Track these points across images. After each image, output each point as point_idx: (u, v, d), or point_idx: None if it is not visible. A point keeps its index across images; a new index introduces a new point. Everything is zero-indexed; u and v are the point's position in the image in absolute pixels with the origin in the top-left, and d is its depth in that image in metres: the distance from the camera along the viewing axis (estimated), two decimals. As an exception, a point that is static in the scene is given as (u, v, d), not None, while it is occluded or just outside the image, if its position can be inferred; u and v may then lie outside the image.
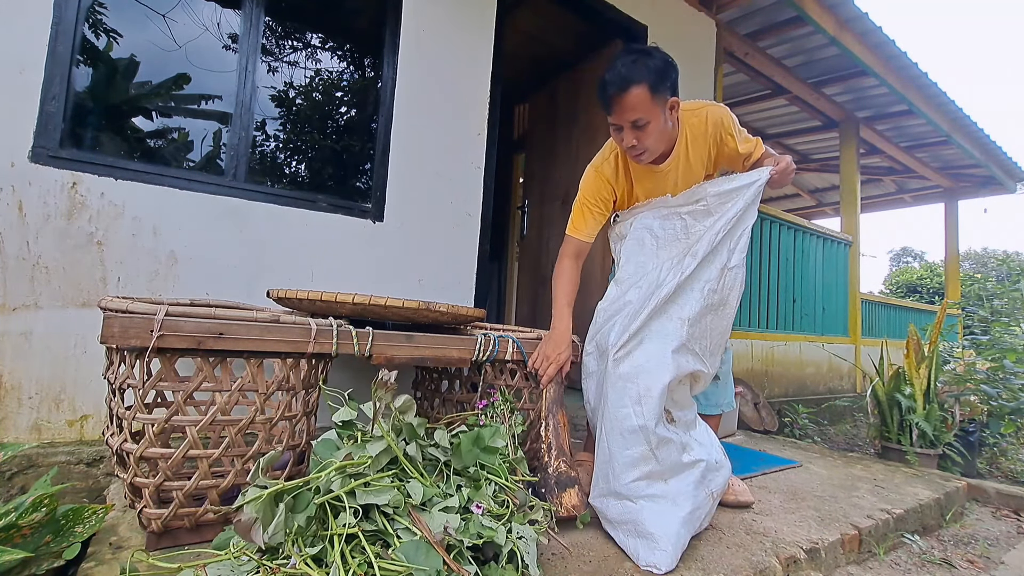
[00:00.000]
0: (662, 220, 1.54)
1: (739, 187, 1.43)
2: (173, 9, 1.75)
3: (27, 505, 0.95)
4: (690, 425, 1.40)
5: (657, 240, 1.54)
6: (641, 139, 1.43)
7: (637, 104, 1.38)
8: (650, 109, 1.39)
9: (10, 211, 1.45)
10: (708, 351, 1.41)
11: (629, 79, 1.36)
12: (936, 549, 1.69)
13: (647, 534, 1.18)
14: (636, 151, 1.47)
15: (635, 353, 1.33)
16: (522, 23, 3.32)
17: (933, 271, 16.07)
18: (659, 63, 1.39)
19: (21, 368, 1.45)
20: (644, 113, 1.39)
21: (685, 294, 1.39)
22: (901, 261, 27.15)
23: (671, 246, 1.50)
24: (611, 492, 1.27)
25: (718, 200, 1.45)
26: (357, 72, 2.19)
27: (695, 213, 1.48)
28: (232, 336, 1.07)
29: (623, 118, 1.41)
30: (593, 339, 1.54)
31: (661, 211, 1.55)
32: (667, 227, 1.53)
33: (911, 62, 3.92)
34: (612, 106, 1.41)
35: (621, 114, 1.40)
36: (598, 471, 1.33)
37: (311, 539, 0.88)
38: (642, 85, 1.36)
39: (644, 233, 1.57)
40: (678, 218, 1.51)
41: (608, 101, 1.41)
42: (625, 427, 1.26)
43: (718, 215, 1.43)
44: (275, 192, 1.87)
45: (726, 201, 1.44)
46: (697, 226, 1.47)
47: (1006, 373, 2.95)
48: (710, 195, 1.46)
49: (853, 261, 4.80)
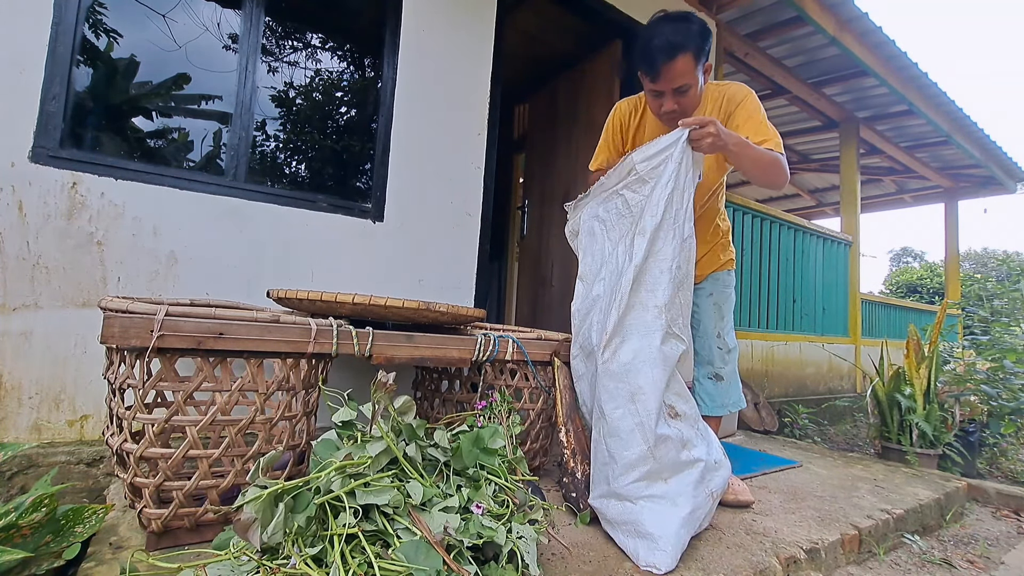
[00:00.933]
0: (604, 203, 1.52)
1: (664, 147, 1.37)
2: (173, 9, 1.75)
3: (27, 505, 0.95)
4: (695, 419, 1.39)
5: (605, 225, 1.52)
6: (681, 104, 1.46)
7: (685, 71, 1.40)
8: (693, 75, 1.41)
9: (10, 211, 1.45)
10: (683, 326, 1.38)
11: (677, 46, 1.37)
12: (936, 549, 1.69)
13: (647, 534, 1.18)
14: (673, 115, 1.48)
15: (620, 351, 1.31)
16: (522, 23, 3.32)
17: (933, 271, 16.07)
18: (700, 28, 1.41)
19: (21, 368, 1.45)
20: (688, 79, 1.41)
21: (654, 277, 1.34)
22: (901, 261, 27.16)
23: (618, 226, 1.48)
24: (611, 493, 1.27)
25: (647, 165, 1.39)
26: (357, 72, 2.19)
27: (630, 185, 1.44)
28: (232, 336, 1.07)
29: (669, 85, 1.42)
30: (576, 341, 1.54)
31: (600, 196, 1.54)
32: (610, 209, 1.50)
33: (911, 62, 3.92)
34: (660, 74, 1.41)
35: (668, 81, 1.42)
36: (597, 472, 1.33)
37: (311, 539, 0.88)
38: (688, 52, 1.38)
39: (592, 223, 1.56)
40: (616, 196, 1.48)
41: (655, 69, 1.41)
42: (622, 427, 1.26)
43: (653, 181, 1.38)
44: (275, 192, 1.87)
45: (656, 164, 1.38)
46: (636, 197, 1.43)
47: (1006, 373, 2.94)
48: (637, 163, 1.41)
49: (853, 261, 4.80)
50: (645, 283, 1.34)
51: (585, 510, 1.37)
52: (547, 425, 1.67)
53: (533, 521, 1.08)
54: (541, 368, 1.62)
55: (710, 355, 1.78)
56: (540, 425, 1.62)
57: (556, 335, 1.71)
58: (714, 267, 1.80)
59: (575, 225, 1.65)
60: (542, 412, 1.62)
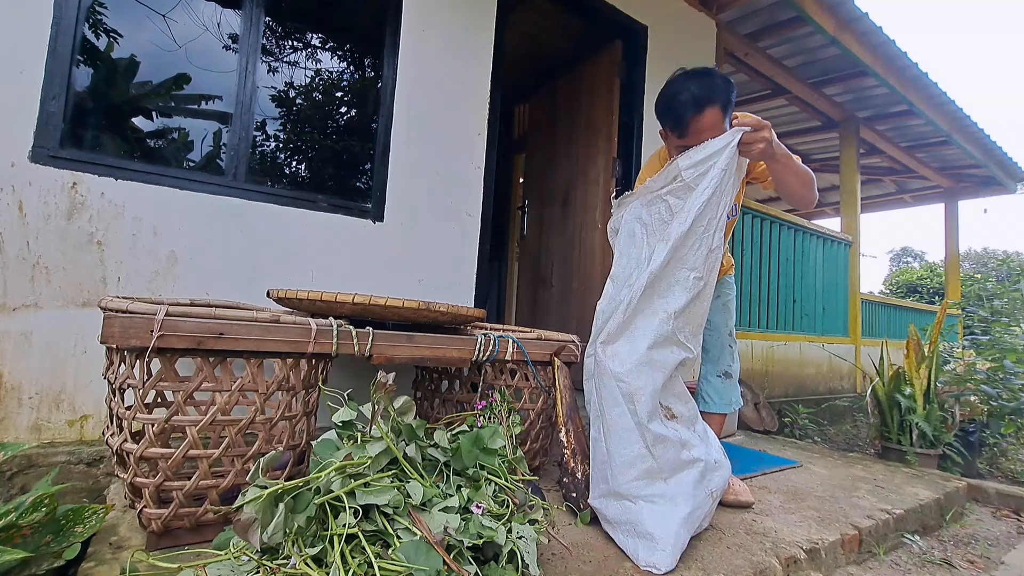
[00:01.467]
0: (647, 207, 1.48)
1: (712, 152, 1.35)
2: (173, 9, 1.75)
3: (27, 505, 0.95)
4: (692, 420, 1.39)
5: (646, 228, 1.49)
6: None
7: (713, 124, 1.38)
8: (721, 127, 1.39)
9: (10, 211, 1.45)
10: (691, 335, 1.37)
11: (704, 100, 1.36)
12: (936, 549, 1.69)
13: (646, 534, 1.18)
14: None
15: (622, 352, 1.31)
16: (522, 23, 3.31)
17: (933, 271, 16.06)
18: (723, 82, 1.39)
19: (21, 368, 1.45)
20: (716, 133, 1.38)
21: (669, 284, 1.32)
22: (901, 261, 27.15)
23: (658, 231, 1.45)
24: (610, 492, 1.27)
25: (693, 172, 1.37)
26: (357, 72, 2.19)
27: (675, 191, 1.41)
28: (232, 336, 1.07)
29: (697, 140, 1.39)
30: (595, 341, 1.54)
31: (646, 197, 1.50)
32: (653, 213, 1.47)
33: (911, 62, 3.91)
34: (688, 127, 1.39)
35: (697, 135, 1.39)
36: (596, 471, 1.33)
37: (311, 539, 0.88)
38: (716, 106, 1.37)
39: (634, 224, 1.52)
40: (661, 201, 1.45)
41: (683, 123, 1.39)
42: (620, 426, 1.26)
43: (698, 188, 1.35)
44: (275, 192, 1.87)
45: (703, 171, 1.35)
46: (681, 204, 1.39)
47: (1006, 373, 2.94)
48: (683, 169, 1.38)
49: (853, 261, 4.80)
50: (659, 289, 1.33)
51: (585, 510, 1.37)
52: (547, 425, 1.67)
53: (533, 521, 1.08)
54: (541, 368, 1.62)
55: (720, 353, 1.79)
56: (540, 425, 1.62)
57: (556, 335, 1.71)
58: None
59: (617, 223, 1.59)
60: (542, 412, 1.62)
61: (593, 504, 1.33)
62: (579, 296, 3.25)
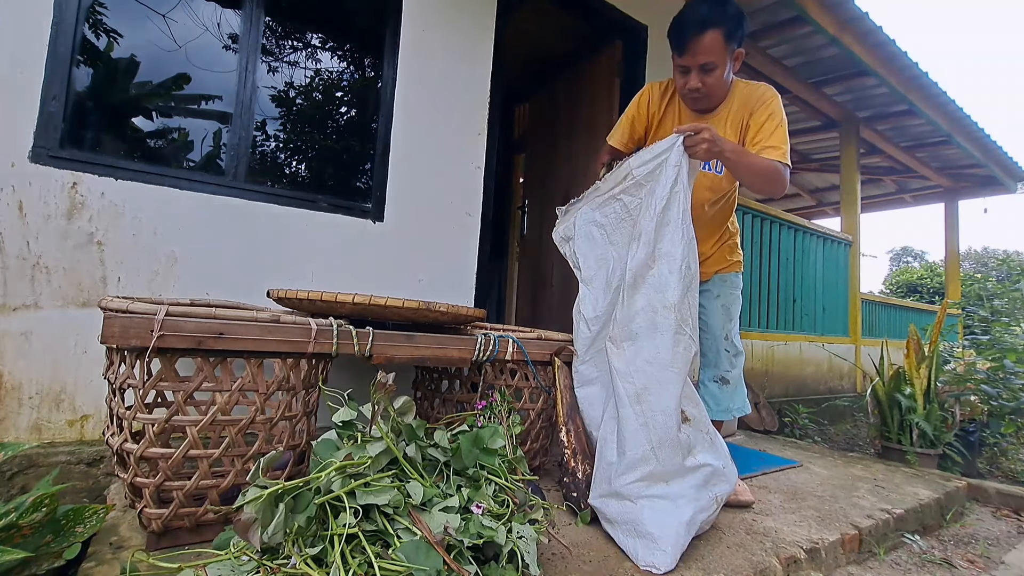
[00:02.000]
0: (600, 208, 1.52)
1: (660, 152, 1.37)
2: (173, 9, 1.75)
3: (27, 505, 0.95)
4: (704, 423, 1.38)
5: (604, 229, 1.52)
6: (706, 83, 1.46)
7: (712, 47, 1.40)
8: (721, 54, 1.41)
9: (10, 211, 1.45)
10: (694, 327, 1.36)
11: (708, 22, 1.38)
12: (936, 549, 1.69)
13: (646, 534, 1.18)
14: (696, 94, 1.49)
15: (627, 351, 1.31)
16: (522, 23, 3.31)
17: (933, 271, 16.06)
18: (736, 11, 1.41)
19: (21, 368, 1.45)
20: (715, 57, 1.41)
21: (663, 278, 1.32)
22: (901, 261, 27.15)
23: (619, 230, 1.48)
24: (611, 492, 1.27)
25: (644, 170, 1.40)
26: (357, 72, 2.19)
27: (627, 190, 1.44)
28: (232, 336, 1.07)
29: (695, 60, 1.42)
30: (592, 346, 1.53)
31: (596, 200, 1.54)
32: (608, 213, 1.51)
33: (911, 62, 3.91)
34: (686, 47, 1.42)
35: (694, 56, 1.42)
36: (599, 472, 1.33)
37: (311, 539, 0.88)
38: (719, 30, 1.38)
39: (590, 227, 1.55)
40: (614, 200, 1.48)
41: (683, 41, 1.42)
42: (626, 427, 1.26)
43: (649, 184, 1.39)
44: (275, 192, 1.87)
45: (652, 169, 1.38)
46: (634, 201, 1.43)
47: (1006, 373, 2.95)
48: (634, 167, 1.43)
49: (853, 261, 4.80)
50: (652, 283, 1.32)
51: (585, 510, 1.37)
52: (547, 425, 1.67)
53: (533, 521, 1.08)
54: (541, 368, 1.62)
55: (717, 358, 1.76)
56: (540, 425, 1.62)
57: (556, 335, 1.71)
58: (720, 267, 1.78)
59: (568, 231, 1.63)
60: (542, 412, 1.62)
61: (593, 503, 1.32)
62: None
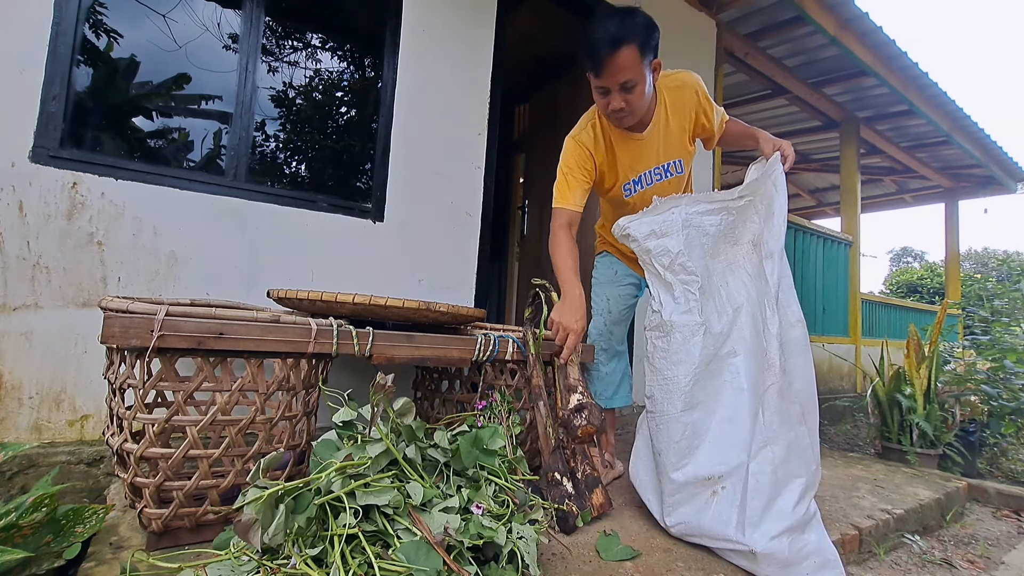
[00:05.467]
0: (710, 215, 1.40)
1: (767, 173, 1.36)
2: (173, 9, 1.75)
3: (27, 505, 0.95)
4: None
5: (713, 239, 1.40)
6: (629, 101, 1.40)
7: (629, 64, 1.34)
8: (638, 69, 1.35)
9: (10, 211, 1.45)
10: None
11: (619, 38, 1.31)
12: (936, 549, 1.69)
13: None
14: (622, 114, 1.43)
15: (789, 371, 1.27)
16: (522, 23, 3.31)
17: (933, 271, 16.06)
18: (645, 21, 1.36)
19: (21, 368, 1.45)
20: (634, 74, 1.35)
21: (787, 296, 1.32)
22: (901, 261, 27.15)
23: (722, 249, 1.39)
24: (790, 528, 1.17)
25: (751, 188, 1.37)
26: (357, 72, 2.19)
27: (742, 209, 1.38)
28: (232, 336, 1.07)
29: (613, 80, 1.36)
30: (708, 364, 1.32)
31: (701, 206, 1.41)
32: (715, 222, 1.38)
33: (912, 62, 3.91)
34: (602, 67, 1.35)
35: (612, 76, 1.36)
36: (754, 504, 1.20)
37: (311, 539, 0.88)
38: (632, 45, 1.32)
39: (690, 231, 1.40)
40: (727, 212, 1.39)
41: (598, 62, 1.35)
42: (796, 449, 1.22)
43: (763, 205, 1.35)
44: (275, 192, 1.87)
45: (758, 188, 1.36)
46: (742, 226, 1.38)
47: (1006, 373, 2.94)
48: (741, 188, 1.41)
49: (853, 261, 4.80)
50: (781, 302, 1.32)
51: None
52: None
53: (533, 521, 1.08)
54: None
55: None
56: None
57: (556, 335, 1.71)
58: None
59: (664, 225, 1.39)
60: (542, 412, 1.61)
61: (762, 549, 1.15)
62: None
